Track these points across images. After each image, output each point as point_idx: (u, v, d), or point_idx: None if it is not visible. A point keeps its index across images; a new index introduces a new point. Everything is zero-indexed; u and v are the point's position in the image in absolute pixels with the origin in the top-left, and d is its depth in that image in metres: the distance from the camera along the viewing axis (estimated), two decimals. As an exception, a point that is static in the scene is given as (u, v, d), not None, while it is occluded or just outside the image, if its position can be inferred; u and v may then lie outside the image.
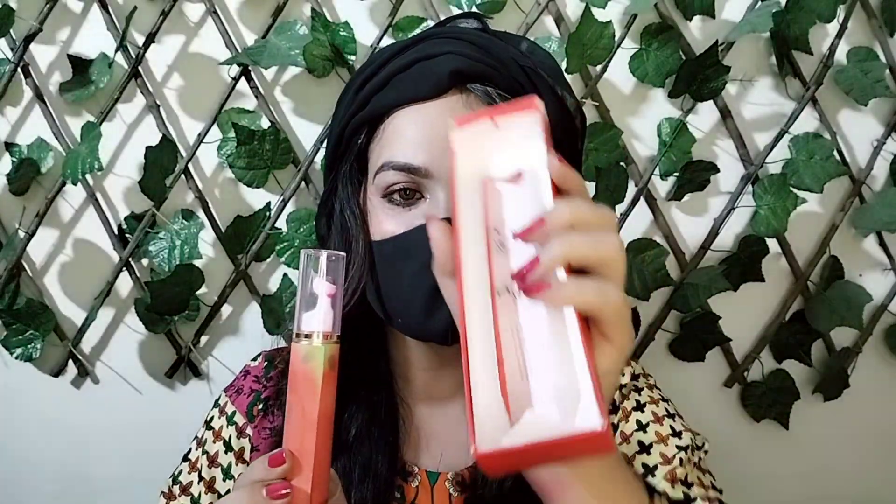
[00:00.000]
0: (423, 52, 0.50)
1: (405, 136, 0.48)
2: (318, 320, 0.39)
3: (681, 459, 0.54)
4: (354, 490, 0.51)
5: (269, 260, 0.91)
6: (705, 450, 0.58)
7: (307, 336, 0.38)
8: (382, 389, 0.56)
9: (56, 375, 0.92)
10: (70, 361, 0.92)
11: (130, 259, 0.89)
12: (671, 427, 0.57)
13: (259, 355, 0.65)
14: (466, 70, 0.48)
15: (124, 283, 0.91)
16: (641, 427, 0.56)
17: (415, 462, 0.55)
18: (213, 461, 0.59)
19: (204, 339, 0.92)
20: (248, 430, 0.59)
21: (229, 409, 0.61)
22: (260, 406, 0.60)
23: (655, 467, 0.54)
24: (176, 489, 0.59)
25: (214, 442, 0.60)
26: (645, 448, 0.55)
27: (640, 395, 0.59)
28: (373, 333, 0.56)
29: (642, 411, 0.57)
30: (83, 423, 0.93)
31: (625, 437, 0.56)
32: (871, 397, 0.97)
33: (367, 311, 0.53)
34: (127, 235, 0.89)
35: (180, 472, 0.60)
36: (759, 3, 0.90)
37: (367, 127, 0.52)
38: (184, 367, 0.92)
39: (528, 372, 0.30)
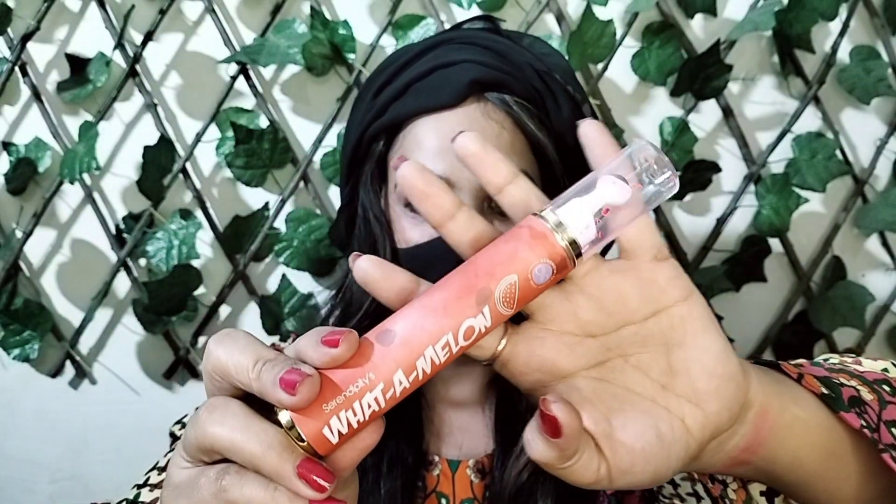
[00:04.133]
0: (441, 60, 0.51)
1: (425, 145, 0.49)
2: (580, 221, 0.27)
3: None
4: (383, 481, 0.52)
5: (267, 260, 0.91)
6: None
7: (558, 226, 0.27)
8: None
9: (53, 376, 0.91)
10: (67, 362, 0.91)
11: (128, 259, 0.89)
12: None
13: (290, 336, 0.66)
14: (484, 79, 0.49)
15: (122, 284, 0.90)
16: None
17: (436, 452, 0.56)
18: None
19: (202, 339, 0.92)
20: None
21: None
22: None
23: None
24: (177, 429, 0.61)
25: None
26: None
27: None
28: None
29: None
30: (81, 423, 0.92)
31: None
32: (874, 398, 0.96)
33: (389, 311, 0.54)
34: (124, 235, 0.89)
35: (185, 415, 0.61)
36: (761, 1, 0.89)
37: (386, 134, 0.52)
38: (182, 367, 0.91)
39: None
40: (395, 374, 0.26)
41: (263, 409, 0.27)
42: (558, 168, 0.52)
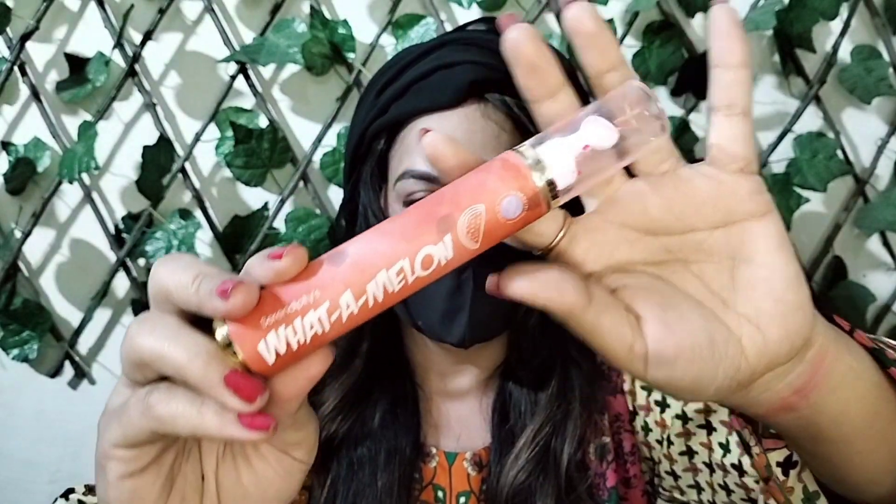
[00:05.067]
0: (442, 61, 0.51)
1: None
2: (559, 159, 0.25)
3: None
4: (380, 473, 0.52)
5: (267, 260, 0.90)
6: None
7: (536, 162, 0.25)
8: (403, 380, 0.57)
9: (53, 376, 0.91)
10: (67, 362, 0.91)
11: (127, 259, 0.89)
12: None
13: None
14: (484, 80, 0.49)
15: (121, 284, 0.90)
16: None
17: (434, 444, 0.56)
18: None
19: (202, 339, 0.92)
20: None
21: None
22: None
23: None
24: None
25: None
26: None
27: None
28: (395, 331, 0.58)
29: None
30: (80, 423, 0.92)
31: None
32: (875, 399, 0.96)
33: (390, 310, 0.54)
34: (123, 235, 0.88)
35: None
36: (762, 0, 0.89)
37: (387, 133, 0.53)
38: (181, 368, 0.91)
39: None
40: (342, 296, 0.24)
41: (207, 332, 0.25)
42: None
